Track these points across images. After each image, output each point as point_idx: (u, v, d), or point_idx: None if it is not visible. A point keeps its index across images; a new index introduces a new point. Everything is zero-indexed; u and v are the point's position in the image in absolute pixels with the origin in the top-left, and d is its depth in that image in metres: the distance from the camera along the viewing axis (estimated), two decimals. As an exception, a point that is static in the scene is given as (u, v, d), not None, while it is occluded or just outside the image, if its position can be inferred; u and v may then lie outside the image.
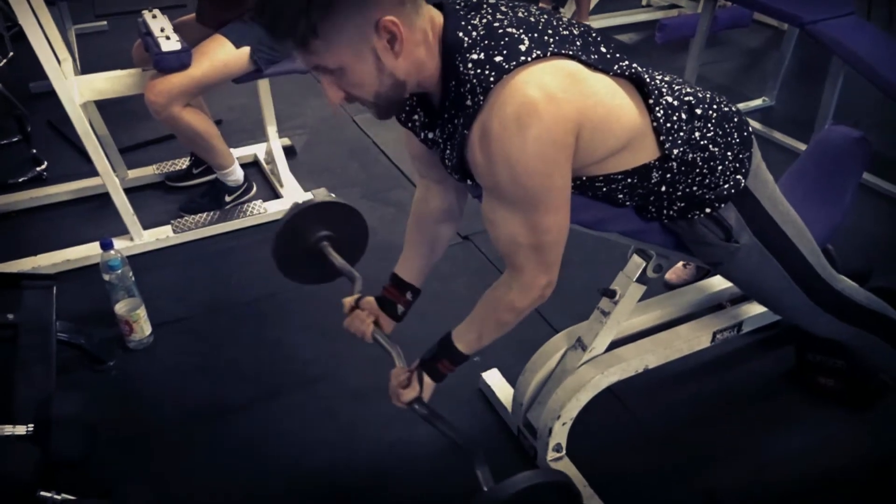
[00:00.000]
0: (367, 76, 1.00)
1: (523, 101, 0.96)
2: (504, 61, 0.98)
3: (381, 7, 0.95)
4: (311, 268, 1.55)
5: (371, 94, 1.03)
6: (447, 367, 1.29)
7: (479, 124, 1.00)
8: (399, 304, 1.43)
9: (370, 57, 0.98)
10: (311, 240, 1.50)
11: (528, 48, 0.99)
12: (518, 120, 0.96)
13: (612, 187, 1.18)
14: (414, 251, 1.43)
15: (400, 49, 0.99)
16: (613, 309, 1.46)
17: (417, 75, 1.04)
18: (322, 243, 1.51)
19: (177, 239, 2.33)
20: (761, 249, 1.30)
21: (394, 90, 1.04)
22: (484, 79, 0.98)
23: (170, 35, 2.09)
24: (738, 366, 1.87)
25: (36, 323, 1.71)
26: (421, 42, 1.02)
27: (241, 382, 1.84)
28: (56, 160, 2.78)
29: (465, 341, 1.27)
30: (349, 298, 1.45)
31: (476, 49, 1.00)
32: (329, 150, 2.97)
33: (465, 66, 1.00)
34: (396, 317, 1.44)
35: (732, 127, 1.24)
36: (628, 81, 1.11)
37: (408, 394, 1.29)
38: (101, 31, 4.08)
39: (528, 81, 0.97)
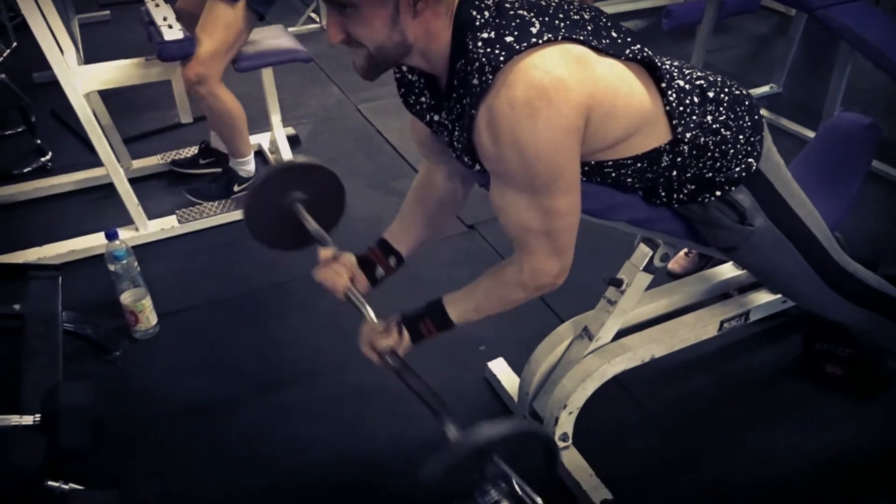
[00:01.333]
0: (378, 23, 0.99)
1: (533, 85, 0.95)
2: (514, 42, 0.96)
3: None
4: (284, 231, 1.45)
5: (374, 45, 1.01)
6: (430, 328, 1.23)
7: (486, 105, 0.99)
8: (380, 267, 1.36)
9: (390, 6, 0.97)
10: (286, 201, 1.40)
11: (539, 31, 0.97)
12: (528, 103, 0.95)
13: (621, 172, 1.17)
14: (408, 220, 1.39)
15: (421, 9, 0.98)
16: (620, 298, 1.45)
17: (425, 44, 1.03)
18: (295, 205, 1.40)
19: (182, 229, 2.33)
20: (775, 232, 1.29)
21: (396, 50, 1.02)
22: (493, 58, 0.97)
23: (172, 24, 2.08)
24: (744, 355, 1.86)
25: (42, 313, 1.71)
26: (440, 13, 1.00)
27: (246, 373, 1.84)
28: (60, 150, 2.78)
29: (459, 309, 1.22)
30: (327, 251, 1.36)
31: (487, 28, 0.99)
32: (333, 139, 2.96)
33: (474, 45, 0.99)
34: (374, 279, 1.37)
35: (744, 110, 1.23)
36: (640, 66, 1.10)
37: (384, 341, 1.21)
38: (105, 21, 4.07)
39: (537, 64, 0.96)
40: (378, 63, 1.04)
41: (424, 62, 1.07)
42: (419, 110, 1.20)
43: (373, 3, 0.96)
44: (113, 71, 2.16)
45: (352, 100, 3.24)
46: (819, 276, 1.37)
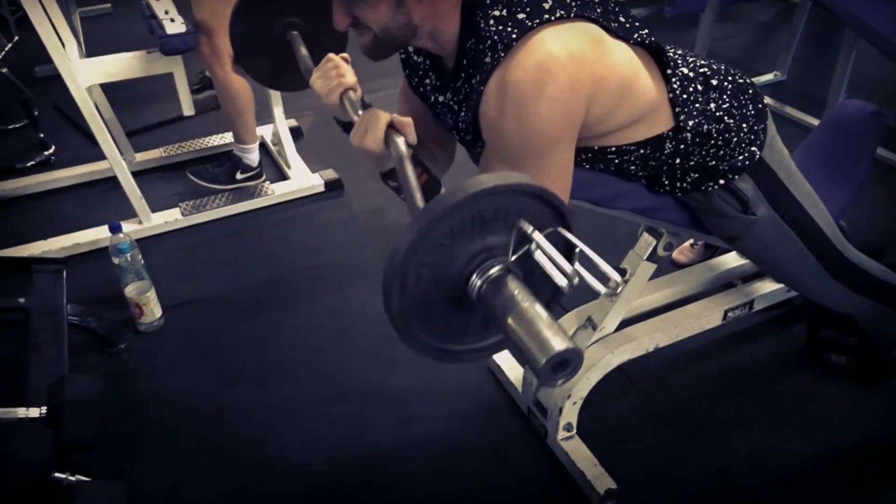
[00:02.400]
0: (384, 6, 0.98)
1: (546, 57, 0.95)
2: (527, 18, 0.96)
3: None
4: (272, 60, 1.27)
5: (379, 26, 1.01)
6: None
7: (497, 76, 0.98)
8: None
9: None
10: (279, 24, 1.22)
11: (551, 7, 0.97)
12: (539, 74, 0.95)
13: (624, 158, 1.16)
14: None
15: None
16: (623, 288, 1.45)
17: (433, 24, 1.02)
18: (290, 32, 1.23)
19: (185, 221, 2.33)
20: (778, 221, 1.29)
21: (402, 31, 1.02)
22: (506, 35, 0.96)
23: (174, 17, 2.07)
24: (749, 343, 1.86)
25: (47, 306, 1.72)
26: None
27: (250, 365, 1.84)
28: (63, 144, 2.79)
29: None
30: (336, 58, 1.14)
31: (498, 6, 0.98)
32: (336, 130, 2.91)
33: (486, 23, 0.98)
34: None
35: (747, 98, 1.22)
36: (645, 52, 1.09)
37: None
38: (106, 14, 4.07)
39: (551, 39, 0.96)
40: (384, 45, 1.03)
41: (432, 43, 1.06)
42: (424, 91, 1.19)
43: None
44: (115, 64, 2.15)
45: (354, 91, 3.23)
46: (822, 265, 1.37)
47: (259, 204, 2.42)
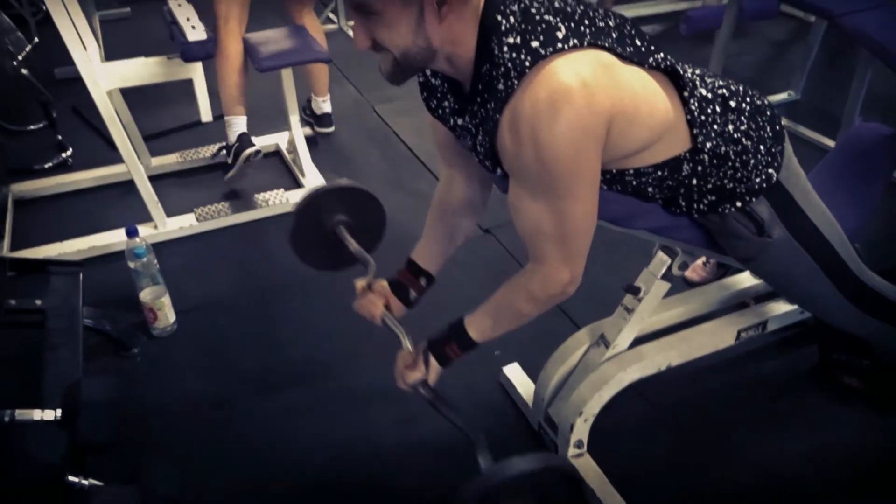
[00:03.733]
0: (404, 29, 0.99)
1: (558, 87, 0.95)
2: (541, 47, 0.97)
3: None
4: (326, 252, 1.50)
5: (399, 50, 1.02)
6: (455, 351, 1.26)
7: (510, 107, 0.99)
8: (412, 290, 1.40)
9: (415, 11, 0.97)
10: (328, 223, 1.45)
11: (565, 36, 0.98)
12: (551, 104, 0.95)
13: (641, 180, 1.17)
14: (432, 239, 1.41)
15: (446, 13, 0.98)
16: (637, 306, 1.45)
17: (450, 49, 1.03)
18: (338, 227, 1.45)
19: (200, 227, 2.35)
20: (793, 244, 1.29)
21: (421, 54, 1.02)
22: (519, 63, 0.97)
23: (195, 25, 2.10)
24: (761, 363, 1.85)
25: (63, 309, 1.73)
26: (465, 17, 1.01)
27: (262, 371, 1.86)
28: (81, 146, 2.81)
29: (479, 328, 1.24)
30: (362, 280, 1.41)
31: (513, 33, 0.99)
32: (350, 139, 2.98)
33: (500, 50, 0.99)
34: (408, 302, 1.41)
35: (765, 120, 1.23)
36: (662, 74, 1.10)
37: (412, 375, 1.25)
38: (125, 18, 4.10)
39: (563, 68, 0.96)
40: (404, 68, 1.04)
41: (449, 66, 1.07)
42: (442, 115, 1.20)
43: (397, 8, 0.97)
44: (136, 69, 2.18)
45: (368, 100, 3.25)
46: (837, 288, 1.37)
47: (273, 212, 2.44)
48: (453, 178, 1.37)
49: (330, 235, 1.47)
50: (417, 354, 1.27)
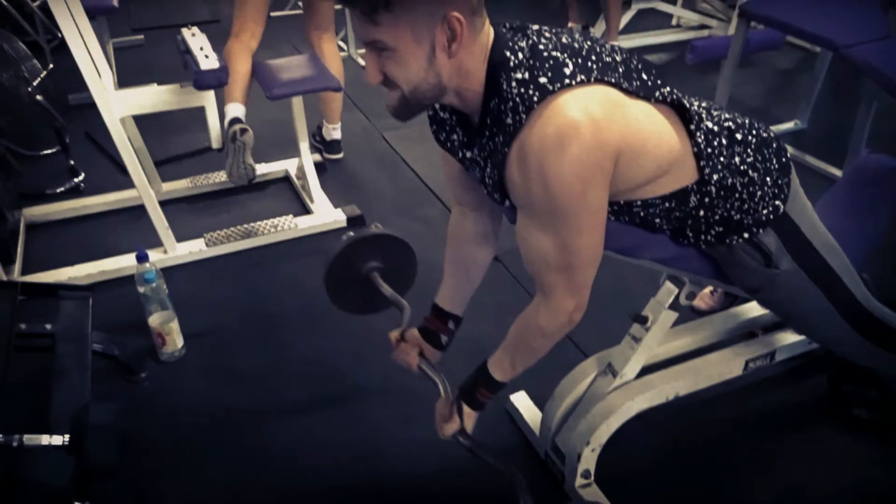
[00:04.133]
0: (415, 65, 1.01)
1: (565, 122, 0.97)
2: (549, 83, 0.99)
3: (455, 5, 0.97)
4: (360, 297, 1.57)
5: (410, 85, 1.03)
6: (485, 395, 1.31)
7: (518, 142, 1.01)
8: (442, 334, 1.45)
9: (426, 47, 0.99)
10: (362, 269, 1.53)
11: (572, 72, 1.00)
12: (558, 138, 0.97)
13: (649, 211, 1.18)
14: (452, 280, 1.45)
15: (456, 50, 1.00)
16: (645, 335, 1.46)
17: (460, 83, 1.05)
18: (372, 273, 1.53)
19: (209, 252, 2.36)
20: (801, 274, 1.29)
21: (431, 90, 1.04)
22: (527, 98, 0.99)
23: (208, 54, 2.13)
24: (769, 393, 1.84)
25: (72, 333, 1.74)
26: (474, 53, 1.03)
27: (270, 397, 1.86)
28: (93, 171, 2.84)
29: (501, 369, 1.28)
30: (395, 332, 1.48)
31: (521, 69, 1.01)
32: (359, 166, 3.00)
33: (508, 85, 1.01)
34: (440, 346, 1.46)
35: (771, 152, 1.24)
36: (669, 107, 1.11)
37: (449, 427, 1.32)
38: (138, 45, 4.17)
39: (571, 103, 0.98)
40: (412, 105, 1.06)
41: (458, 100, 1.09)
42: (451, 147, 1.22)
43: (410, 44, 0.99)
44: (149, 96, 2.21)
45: (377, 127, 3.29)
46: (844, 319, 1.37)
47: (282, 237, 2.46)
48: (464, 214, 1.39)
49: (363, 281, 1.53)
50: (451, 404, 1.32)
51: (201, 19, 4.50)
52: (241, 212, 2.62)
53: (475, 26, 1.01)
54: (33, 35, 3.62)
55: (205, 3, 4.95)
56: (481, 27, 1.03)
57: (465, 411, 1.32)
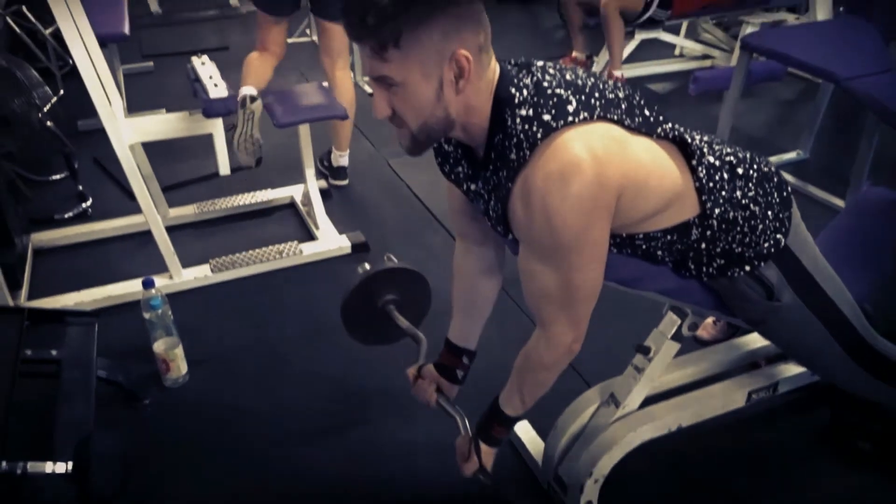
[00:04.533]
0: (424, 101, 1.03)
1: (569, 160, 0.99)
2: (552, 120, 1.00)
3: (463, 42, 0.99)
4: (375, 328, 1.59)
5: (418, 121, 1.05)
6: (500, 431, 1.33)
7: (522, 178, 1.03)
8: (457, 369, 1.46)
9: (434, 83, 1.01)
10: (379, 302, 1.55)
11: (575, 109, 1.01)
12: (561, 176, 0.99)
13: (651, 244, 1.19)
14: (462, 314, 1.47)
15: (463, 87, 1.02)
16: (647, 366, 1.46)
17: (465, 119, 1.07)
18: (388, 306, 1.55)
19: (215, 278, 2.38)
20: (802, 308, 1.30)
21: (439, 125, 1.06)
22: (531, 135, 1.01)
23: (217, 82, 2.16)
24: (773, 425, 1.84)
25: (77, 359, 1.76)
26: (481, 89, 1.05)
27: (273, 424, 1.86)
28: (101, 196, 2.87)
29: (511, 405, 1.30)
30: (412, 368, 1.49)
31: (525, 105, 1.03)
32: (364, 192, 3.02)
33: (513, 121, 1.03)
34: (457, 381, 1.47)
35: (772, 186, 1.25)
36: (671, 143, 1.13)
37: (469, 467, 1.33)
38: (148, 72, 4.22)
39: (574, 141, 1.00)
40: (421, 140, 1.08)
41: (464, 134, 1.11)
42: (456, 179, 1.24)
43: (419, 80, 1.01)
44: (158, 124, 2.24)
45: (382, 154, 3.32)
46: (846, 352, 1.38)
47: (287, 263, 2.47)
48: (468, 249, 1.42)
49: (380, 313, 1.56)
50: (469, 442, 1.34)
51: (211, 47, 4.57)
52: (246, 238, 2.63)
53: (482, 63, 1.03)
54: (45, 62, 3.67)
55: (215, 31, 5.03)
56: (488, 64, 1.05)
57: (483, 449, 1.33)
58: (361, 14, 0.97)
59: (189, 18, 5.29)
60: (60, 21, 1.89)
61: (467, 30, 1.00)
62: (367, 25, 0.97)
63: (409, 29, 0.96)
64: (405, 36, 0.97)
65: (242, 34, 4.94)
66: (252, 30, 5.01)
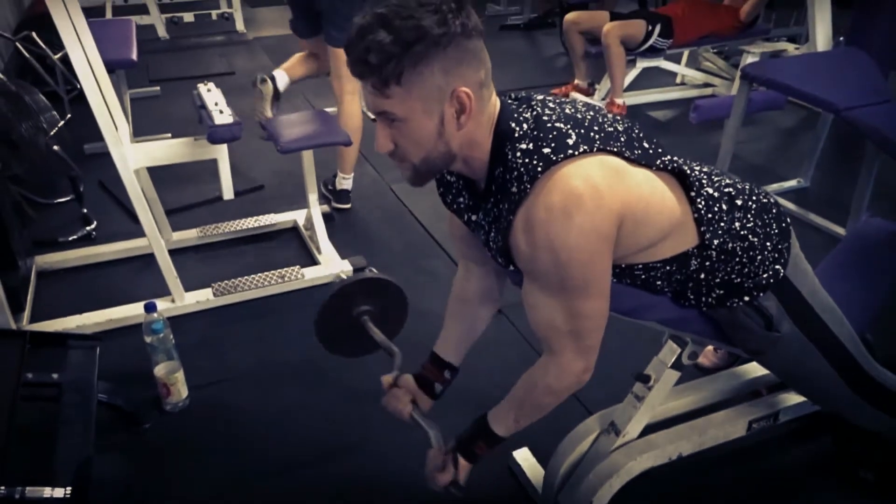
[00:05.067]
0: (426, 136, 1.05)
1: (570, 192, 1.00)
2: (552, 153, 1.02)
3: (464, 79, 1.01)
4: (351, 341, 1.59)
5: (420, 155, 1.07)
6: (483, 449, 1.31)
7: (524, 211, 1.04)
8: (437, 383, 1.45)
9: (436, 119, 1.03)
10: (353, 313, 1.54)
11: (575, 142, 1.03)
12: (564, 209, 1.00)
13: (650, 274, 1.20)
14: (453, 330, 1.46)
15: (464, 122, 1.04)
16: (647, 394, 1.46)
17: (467, 152, 1.09)
18: (363, 318, 1.53)
19: (217, 302, 2.38)
20: (801, 339, 1.31)
21: (441, 159, 1.08)
22: (531, 168, 1.02)
23: (223, 109, 2.19)
24: (774, 454, 1.83)
25: (78, 383, 1.75)
26: (482, 124, 1.07)
27: (275, 448, 1.85)
28: (105, 219, 2.89)
29: (503, 424, 1.28)
30: (388, 377, 1.48)
31: (526, 139, 1.04)
32: (366, 217, 3.04)
33: (513, 155, 1.05)
34: (434, 395, 1.46)
35: (771, 217, 1.26)
36: (670, 175, 1.14)
37: (443, 477, 1.31)
38: (154, 97, 4.27)
39: (574, 174, 1.01)
40: (423, 173, 1.10)
41: (465, 167, 1.13)
42: (457, 209, 1.25)
43: (420, 116, 1.03)
44: (163, 149, 2.26)
45: (385, 179, 3.34)
46: (846, 383, 1.38)
47: (289, 287, 2.48)
48: (469, 269, 1.42)
49: (355, 325, 1.54)
50: (445, 454, 1.32)
51: (217, 72, 4.63)
52: (249, 262, 2.64)
53: (483, 98, 1.05)
54: (53, 86, 3.71)
55: (221, 56, 5.08)
56: (489, 99, 1.07)
57: (461, 463, 1.31)
58: (364, 52, 0.99)
59: (196, 44, 5.36)
60: (69, 48, 1.92)
61: (468, 67, 1.02)
62: (369, 63, 0.99)
63: (411, 67, 0.98)
64: (407, 73, 0.99)
65: (248, 59, 5.00)
66: (257, 55, 5.10)
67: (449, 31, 0.98)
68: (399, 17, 0.97)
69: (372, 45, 0.98)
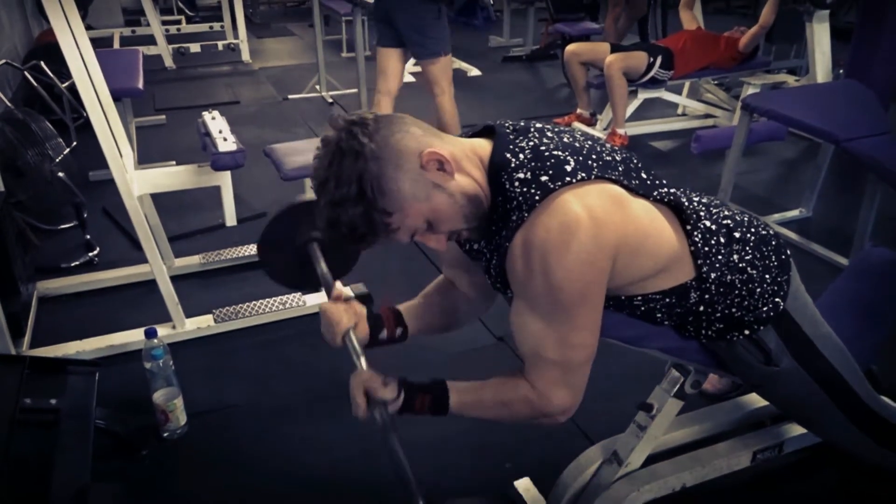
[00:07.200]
0: (446, 208, 1.06)
1: (568, 218, 1.01)
2: (550, 181, 1.03)
3: (414, 150, 1.04)
4: (295, 268, 1.48)
5: (461, 221, 1.09)
6: (423, 404, 1.19)
7: (521, 235, 1.04)
8: (386, 329, 1.35)
9: (435, 192, 1.05)
10: (303, 237, 1.44)
11: (573, 170, 1.04)
12: (561, 234, 1.00)
13: (650, 306, 1.20)
14: (425, 307, 1.41)
15: (452, 168, 1.05)
16: (650, 423, 1.44)
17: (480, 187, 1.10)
18: (311, 244, 1.44)
19: (217, 328, 2.38)
20: (801, 373, 1.29)
21: (473, 205, 1.09)
22: (529, 196, 1.03)
23: (227, 137, 2.21)
24: (779, 486, 1.80)
25: (77, 409, 1.74)
26: (466, 159, 1.09)
27: (274, 478, 1.83)
28: (107, 246, 2.90)
29: (460, 400, 1.18)
30: (342, 289, 1.37)
31: (523, 169, 1.05)
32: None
33: (511, 185, 1.05)
34: (375, 339, 1.35)
35: (770, 250, 1.25)
36: (667, 207, 1.15)
37: (383, 391, 1.18)
38: (160, 125, 4.31)
39: (572, 200, 1.02)
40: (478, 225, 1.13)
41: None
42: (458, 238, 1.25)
43: (427, 204, 1.06)
44: (167, 176, 2.27)
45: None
46: (848, 418, 1.36)
47: (291, 314, 2.47)
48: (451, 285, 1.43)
49: (301, 251, 1.44)
50: (388, 379, 1.20)
51: (222, 101, 4.68)
52: (250, 288, 2.64)
53: (445, 145, 1.07)
54: (60, 114, 3.76)
55: (226, 86, 5.15)
56: (451, 142, 1.09)
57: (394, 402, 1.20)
58: (349, 233, 1.05)
59: (202, 74, 5.44)
60: (76, 77, 1.94)
61: (408, 142, 1.04)
62: (356, 240, 1.05)
63: (380, 196, 1.02)
64: (385, 203, 1.02)
65: (253, 89, 5.06)
66: (262, 85, 5.16)
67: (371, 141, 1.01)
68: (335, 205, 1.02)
69: (345, 234, 1.04)
